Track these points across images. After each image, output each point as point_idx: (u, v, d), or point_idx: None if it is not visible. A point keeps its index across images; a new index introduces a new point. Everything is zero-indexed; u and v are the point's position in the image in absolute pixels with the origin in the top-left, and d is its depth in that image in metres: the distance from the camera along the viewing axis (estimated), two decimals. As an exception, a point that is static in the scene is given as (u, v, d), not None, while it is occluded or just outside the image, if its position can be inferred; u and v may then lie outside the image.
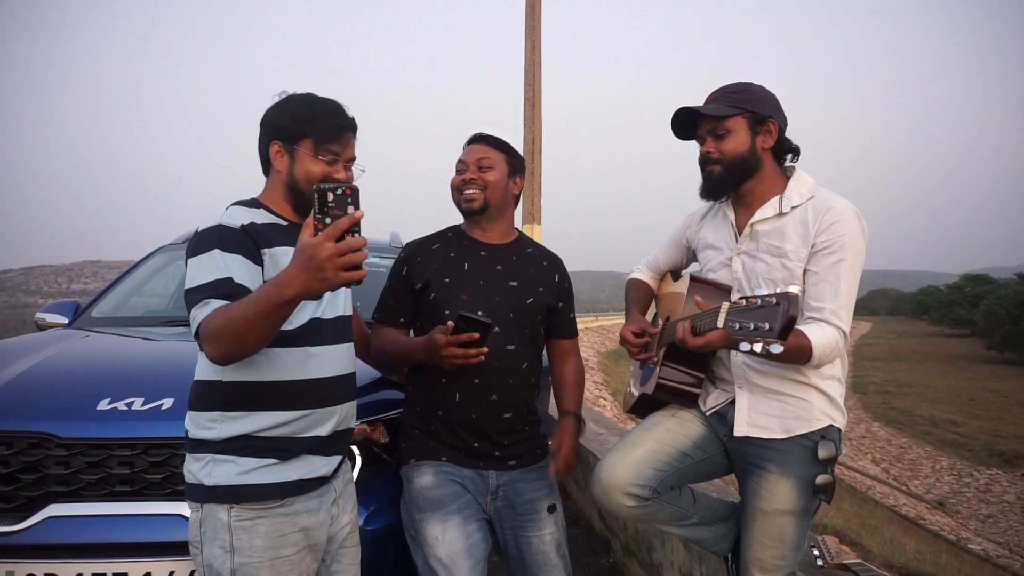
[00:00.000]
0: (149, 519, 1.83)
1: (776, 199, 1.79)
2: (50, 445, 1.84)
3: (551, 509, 2.00)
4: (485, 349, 1.76)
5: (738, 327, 1.42)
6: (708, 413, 1.89)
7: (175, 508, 1.82)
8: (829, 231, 1.70)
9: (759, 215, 1.80)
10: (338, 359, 1.61)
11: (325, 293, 1.36)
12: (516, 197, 2.07)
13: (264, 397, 1.48)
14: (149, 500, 1.85)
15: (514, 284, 1.98)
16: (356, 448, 2.06)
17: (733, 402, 1.82)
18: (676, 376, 1.84)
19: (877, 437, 24.75)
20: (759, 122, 1.77)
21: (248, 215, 1.53)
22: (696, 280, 1.89)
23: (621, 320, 2.19)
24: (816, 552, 2.39)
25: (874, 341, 68.51)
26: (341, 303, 1.66)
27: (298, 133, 1.56)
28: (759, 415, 1.78)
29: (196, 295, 1.40)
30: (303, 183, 1.56)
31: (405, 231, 4.23)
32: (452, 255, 2.00)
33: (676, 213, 2.33)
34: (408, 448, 1.96)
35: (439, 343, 1.74)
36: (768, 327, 1.36)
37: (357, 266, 1.21)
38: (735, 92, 1.80)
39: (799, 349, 1.62)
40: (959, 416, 27.22)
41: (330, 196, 1.23)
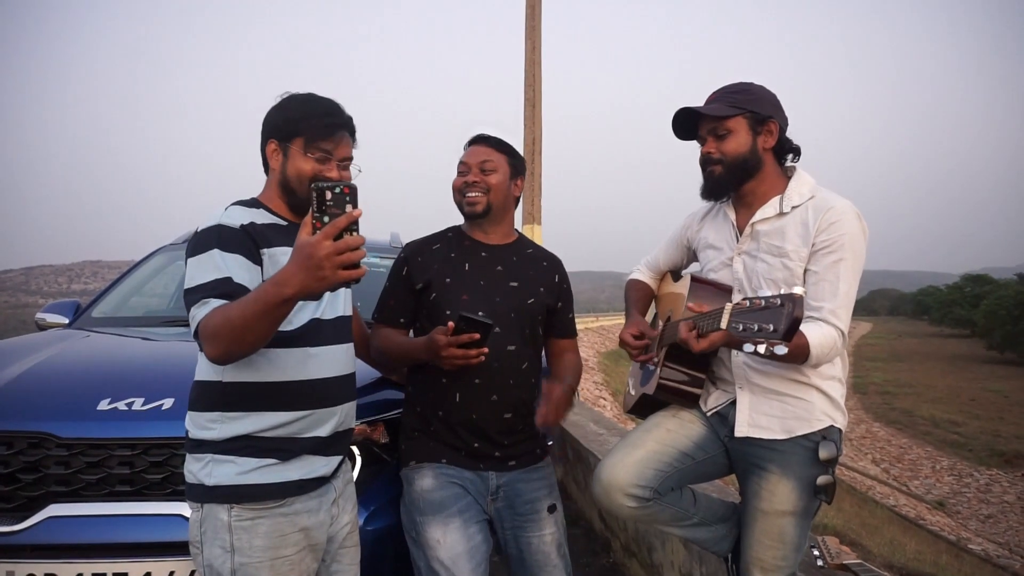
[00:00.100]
0: (149, 519, 1.83)
1: (777, 199, 1.78)
2: (50, 445, 1.84)
3: (551, 509, 2.00)
4: (485, 349, 1.76)
5: (742, 328, 1.42)
6: (709, 413, 1.88)
7: (175, 508, 1.82)
8: (829, 231, 1.70)
9: (760, 215, 1.79)
10: (338, 359, 1.60)
11: (325, 293, 1.35)
12: (517, 199, 2.07)
13: (264, 397, 1.48)
14: (149, 500, 1.85)
15: (514, 285, 1.98)
16: (356, 448, 2.06)
17: (734, 402, 1.82)
18: (677, 376, 1.84)
19: (877, 437, 24.74)
20: (760, 122, 1.77)
21: (248, 215, 1.53)
22: (697, 280, 1.88)
23: (621, 320, 2.18)
24: (816, 552, 2.40)
25: (874, 341, 68.50)
26: (341, 303, 1.66)
27: (291, 131, 1.56)
28: (760, 415, 1.78)
29: (195, 295, 1.40)
30: (294, 181, 1.56)
31: (405, 231, 4.24)
32: (453, 255, 2.00)
33: (676, 213, 2.32)
34: (408, 450, 1.96)
35: (440, 343, 1.74)
36: (772, 328, 1.36)
37: (355, 264, 1.21)
38: (736, 92, 1.79)
39: (797, 348, 1.61)
40: (959, 416, 27.21)
41: (328, 195, 1.23)
